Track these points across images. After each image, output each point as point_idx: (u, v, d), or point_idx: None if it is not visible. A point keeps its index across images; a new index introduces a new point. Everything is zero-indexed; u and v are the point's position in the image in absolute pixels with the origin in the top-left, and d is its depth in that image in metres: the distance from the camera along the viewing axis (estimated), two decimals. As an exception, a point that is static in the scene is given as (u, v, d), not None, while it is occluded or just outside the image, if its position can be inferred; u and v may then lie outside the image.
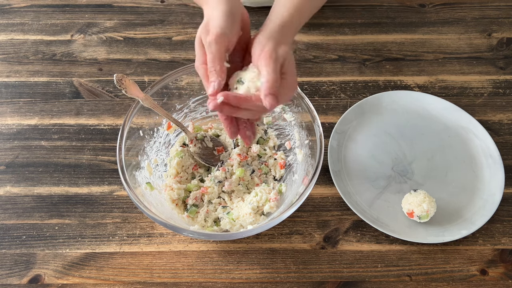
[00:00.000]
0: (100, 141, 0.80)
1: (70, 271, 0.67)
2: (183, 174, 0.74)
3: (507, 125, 0.82)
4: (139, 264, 0.68)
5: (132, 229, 0.71)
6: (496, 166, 0.75)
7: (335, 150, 0.77)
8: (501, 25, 0.97)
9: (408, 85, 0.87)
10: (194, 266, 0.68)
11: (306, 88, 0.87)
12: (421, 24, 0.97)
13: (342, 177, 0.75)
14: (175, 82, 0.72)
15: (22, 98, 0.85)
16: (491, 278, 0.67)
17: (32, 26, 0.96)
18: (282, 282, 0.67)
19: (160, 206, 0.67)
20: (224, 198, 0.72)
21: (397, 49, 0.93)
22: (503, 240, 0.70)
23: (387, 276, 0.67)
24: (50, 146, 0.79)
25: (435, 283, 0.67)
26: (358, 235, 0.71)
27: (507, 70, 0.90)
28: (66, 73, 0.89)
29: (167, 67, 0.89)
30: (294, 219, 0.72)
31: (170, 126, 0.75)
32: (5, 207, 0.73)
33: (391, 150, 0.79)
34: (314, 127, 0.68)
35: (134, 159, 0.68)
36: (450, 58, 0.92)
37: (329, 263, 0.68)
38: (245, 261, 0.68)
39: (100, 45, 0.93)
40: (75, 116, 0.83)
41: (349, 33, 0.95)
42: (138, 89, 0.67)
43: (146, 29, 0.95)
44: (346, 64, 0.90)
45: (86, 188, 0.75)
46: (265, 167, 0.75)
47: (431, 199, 0.69)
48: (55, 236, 0.70)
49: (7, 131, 0.81)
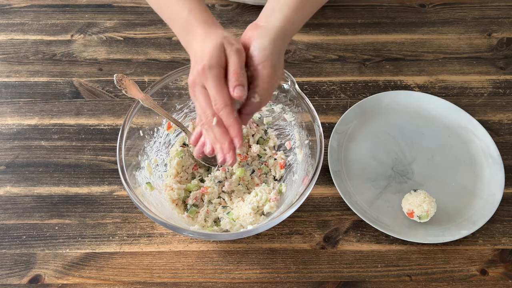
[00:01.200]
0: (100, 141, 0.80)
1: (70, 271, 0.67)
2: (183, 174, 0.74)
3: (507, 125, 0.83)
4: (139, 264, 0.68)
5: (132, 229, 0.71)
6: (496, 166, 0.75)
7: (335, 150, 0.77)
8: (501, 25, 0.97)
9: (408, 85, 0.87)
10: (194, 266, 0.68)
11: (306, 88, 0.87)
12: (421, 24, 0.97)
13: (342, 177, 0.75)
14: (175, 82, 0.72)
15: (22, 98, 0.85)
16: (491, 278, 0.67)
17: (32, 26, 0.96)
18: (282, 282, 0.67)
19: (160, 206, 0.67)
20: (224, 198, 0.72)
21: (397, 49, 0.93)
22: (503, 240, 0.70)
23: (387, 276, 0.67)
24: (50, 146, 0.79)
25: (435, 283, 0.67)
26: (358, 235, 0.71)
27: (507, 70, 0.90)
28: (66, 73, 0.89)
29: (167, 67, 0.89)
30: (294, 219, 0.72)
31: (170, 126, 0.75)
32: (5, 207, 0.73)
33: (391, 150, 0.79)
34: (314, 127, 0.68)
35: (134, 159, 0.68)
36: (450, 58, 0.92)
37: (329, 263, 0.68)
38: (245, 261, 0.68)
39: (100, 45, 0.93)
40: (75, 116, 0.83)
41: (349, 33, 0.95)
42: (138, 89, 0.67)
43: (146, 29, 0.95)
44: (346, 64, 0.90)
45: (86, 188, 0.75)
46: (265, 167, 0.75)
47: (431, 199, 0.69)
48: (55, 236, 0.70)
49: (7, 131, 0.81)
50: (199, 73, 0.54)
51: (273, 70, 0.56)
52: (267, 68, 0.55)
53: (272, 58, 0.55)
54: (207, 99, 0.54)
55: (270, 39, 0.56)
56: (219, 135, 0.54)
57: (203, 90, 0.55)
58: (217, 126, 0.54)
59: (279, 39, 0.56)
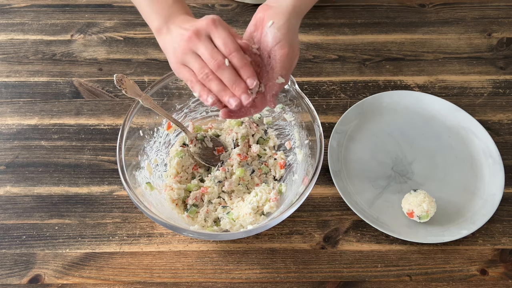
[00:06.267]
0: (100, 141, 0.80)
1: (70, 271, 0.67)
2: (183, 174, 0.74)
3: (507, 125, 0.83)
4: (139, 264, 0.68)
5: (132, 229, 0.71)
6: (496, 166, 0.75)
7: (335, 150, 0.77)
8: (501, 25, 0.97)
9: (408, 85, 0.87)
10: (194, 266, 0.68)
11: (306, 88, 0.87)
12: (421, 24, 0.97)
13: (342, 177, 0.75)
14: (175, 82, 0.72)
15: (22, 98, 0.85)
16: (491, 278, 0.67)
17: (32, 26, 0.96)
18: (282, 282, 0.67)
19: (160, 206, 0.67)
20: (224, 198, 0.72)
21: (397, 49, 0.93)
22: (503, 240, 0.70)
23: (387, 276, 0.67)
24: (50, 146, 0.79)
25: (435, 283, 0.67)
26: (358, 235, 0.71)
27: (507, 70, 0.90)
28: (66, 73, 0.89)
29: (167, 67, 0.89)
30: (294, 219, 0.72)
31: (170, 126, 0.75)
32: (5, 207, 0.73)
33: (391, 150, 0.79)
34: (314, 127, 0.68)
35: (134, 159, 0.68)
36: (450, 58, 0.92)
37: (329, 263, 0.68)
38: (245, 261, 0.68)
39: (100, 45, 0.93)
40: (75, 116, 0.83)
41: (349, 33, 0.95)
42: (138, 89, 0.67)
43: (146, 29, 0.95)
44: (346, 64, 0.90)
45: (86, 188, 0.75)
46: (265, 167, 0.75)
47: (431, 199, 0.69)
48: (55, 236, 0.70)
49: (7, 131, 0.81)
50: (207, 23, 0.54)
51: (291, 49, 0.56)
52: (285, 47, 0.55)
53: (288, 37, 0.55)
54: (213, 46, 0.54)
55: (284, 18, 0.56)
56: (232, 77, 0.53)
57: (208, 39, 0.55)
58: (228, 69, 0.53)
59: (292, 18, 0.57)
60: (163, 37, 0.60)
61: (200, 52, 0.55)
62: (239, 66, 0.53)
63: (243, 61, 0.53)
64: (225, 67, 0.53)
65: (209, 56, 0.54)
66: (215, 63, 0.53)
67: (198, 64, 0.55)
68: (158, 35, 0.60)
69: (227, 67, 0.53)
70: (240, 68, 0.53)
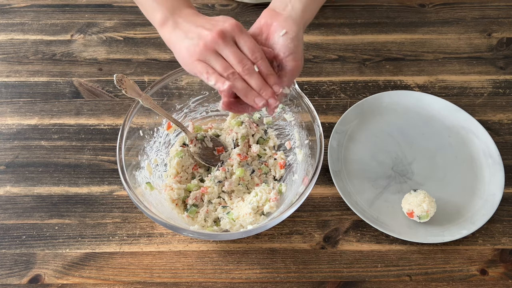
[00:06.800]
0: (100, 141, 0.80)
1: (70, 271, 0.67)
2: (183, 174, 0.74)
3: (507, 125, 0.82)
4: (139, 264, 0.68)
5: (132, 229, 0.71)
6: (496, 166, 0.75)
7: (335, 150, 0.77)
8: (501, 25, 0.97)
9: (408, 85, 0.87)
10: (194, 266, 0.68)
11: (306, 88, 0.87)
12: (421, 24, 0.97)
13: (342, 177, 0.75)
14: (175, 82, 0.72)
15: (22, 98, 0.85)
16: (491, 278, 0.67)
17: (32, 26, 0.96)
18: (282, 282, 0.67)
19: (160, 206, 0.67)
20: (224, 198, 0.72)
21: (397, 49, 0.93)
22: (503, 240, 0.70)
23: (387, 276, 0.67)
24: (50, 146, 0.79)
25: (435, 283, 0.67)
26: (358, 235, 0.71)
27: (507, 70, 0.90)
28: (66, 73, 0.89)
29: (167, 67, 0.89)
30: (294, 219, 0.72)
31: (170, 126, 0.75)
32: (5, 207, 0.73)
33: (391, 150, 0.79)
34: (314, 127, 0.68)
35: (134, 159, 0.68)
36: (450, 58, 0.92)
37: (329, 263, 0.68)
38: (245, 261, 0.68)
39: (100, 45, 0.93)
40: (75, 116, 0.83)
41: (349, 33, 0.95)
42: (138, 89, 0.67)
43: (146, 29, 0.95)
44: (346, 64, 0.90)
45: (86, 188, 0.75)
46: (265, 167, 0.75)
47: (431, 199, 0.69)
48: (55, 236, 0.70)
49: (7, 131, 0.81)
50: (232, 27, 0.54)
51: (301, 61, 0.57)
52: (298, 60, 0.56)
53: (300, 48, 0.56)
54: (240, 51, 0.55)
55: (297, 29, 0.56)
56: (260, 82, 0.55)
57: (233, 43, 0.55)
58: (256, 74, 0.55)
59: (301, 28, 0.57)
60: (169, 31, 0.59)
61: (225, 54, 0.55)
62: (265, 74, 0.55)
63: (270, 69, 0.56)
64: (254, 72, 0.55)
65: (237, 60, 0.55)
66: (244, 68, 0.55)
67: (221, 64, 0.55)
68: (162, 28, 0.60)
69: (256, 73, 0.55)
70: (266, 76, 0.55)
